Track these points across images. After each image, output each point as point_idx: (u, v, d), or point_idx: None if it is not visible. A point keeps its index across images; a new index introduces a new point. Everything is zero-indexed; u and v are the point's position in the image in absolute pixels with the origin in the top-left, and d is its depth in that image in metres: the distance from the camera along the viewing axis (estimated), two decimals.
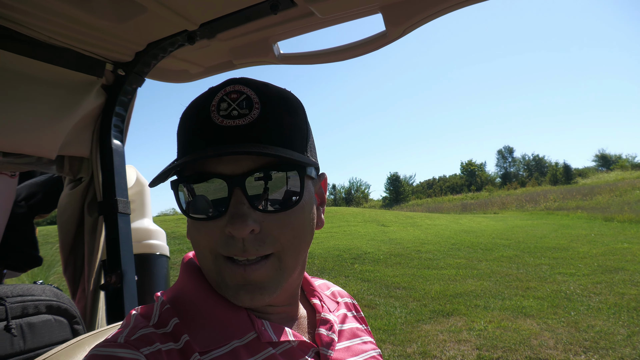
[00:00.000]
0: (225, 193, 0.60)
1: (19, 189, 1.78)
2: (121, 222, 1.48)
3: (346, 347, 0.74)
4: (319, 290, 0.82)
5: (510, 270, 7.70)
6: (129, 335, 0.58)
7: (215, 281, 0.64)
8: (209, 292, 0.67)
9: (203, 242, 0.62)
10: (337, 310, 0.82)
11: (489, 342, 4.42)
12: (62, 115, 1.37)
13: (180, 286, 0.70)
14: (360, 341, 0.78)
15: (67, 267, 1.58)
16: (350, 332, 0.79)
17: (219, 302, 0.65)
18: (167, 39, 1.38)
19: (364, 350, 0.77)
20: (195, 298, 0.66)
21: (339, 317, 0.80)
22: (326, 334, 0.72)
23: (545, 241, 10.44)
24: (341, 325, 0.78)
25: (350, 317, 0.84)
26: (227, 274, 0.61)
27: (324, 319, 0.74)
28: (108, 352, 0.55)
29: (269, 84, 0.66)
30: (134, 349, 0.55)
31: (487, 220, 16.18)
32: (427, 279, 7.20)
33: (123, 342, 0.57)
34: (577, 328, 4.70)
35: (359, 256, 8.90)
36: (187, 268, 0.71)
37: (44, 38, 1.25)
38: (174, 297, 0.68)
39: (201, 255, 0.64)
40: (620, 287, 6.13)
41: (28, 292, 1.20)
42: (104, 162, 1.53)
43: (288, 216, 0.62)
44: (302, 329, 0.72)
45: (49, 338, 1.20)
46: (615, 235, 10.66)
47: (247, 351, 0.62)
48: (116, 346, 0.56)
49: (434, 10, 1.25)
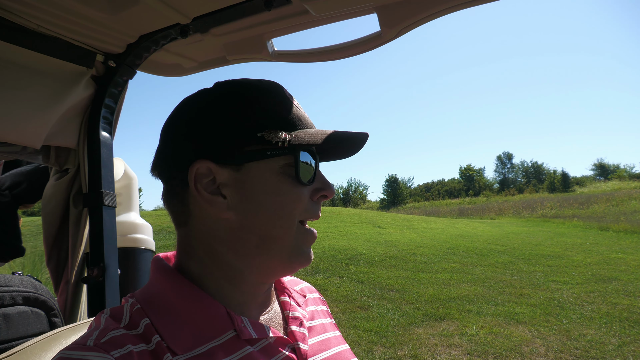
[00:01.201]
0: (312, 165, 0.70)
1: (3, 178, 1.76)
2: (106, 215, 1.46)
3: (319, 341, 0.75)
4: (289, 287, 0.83)
5: (504, 276, 7.70)
6: (98, 338, 0.57)
7: (289, 248, 0.68)
8: (186, 291, 0.66)
9: (299, 207, 0.68)
10: (307, 306, 0.83)
11: (480, 348, 4.42)
12: (49, 105, 1.35)
13: (154, 286, 0.68)
14: (332, 336, 0.80)
15: (50, 259, 1.56)
16: (322, 327, 0.80)
17: (197, 301, 0.64)
18: (160, 31, 1.36)
19: (336, 344, 0.78)
20: (170, 297, 0.65)
21: (308, 313, 0.81)
22: (298, 329, 0.72)
23: (540, 248, 10.44)
24: (311, 321, 0.80)
25: (319, 312, 0.85)
26: (306, 239, 0.70)
27: (294, 316, 0.75)
28: (76, 356, 0.53)
29: None
30: (103, 352, 0.54)
31: (483, 226, 16.19)
32: (421, 282, 7.20)
33: (92, 345, 0.55)
34: (569, 336, 4.69)
35: (354, 257, 8.89)
36: (161, 267, 0.70)
37: (32, 26, 1.23)
38: (146, 297, 0.66)
39: (287, 222, 0.67)
40: (613, 296, 6.14)
41: (5, 283, 1.17)
42: (91, 154, 1.51)
43: None
44: (277, 325, 0.73)
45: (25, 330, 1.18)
46: (610, 245, 10.67)
47: (223, 351, 0.61)
48: (85, 349, 0.54)
49: (429, 12, 1.23)
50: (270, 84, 0.72)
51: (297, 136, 0.68)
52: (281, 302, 0.79)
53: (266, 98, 0.69)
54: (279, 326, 0.73)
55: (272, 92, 0.71)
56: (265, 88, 0.71)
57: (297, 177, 0.67)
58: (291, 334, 0.71)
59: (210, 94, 0.71)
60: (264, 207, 0.66)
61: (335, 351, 0.75)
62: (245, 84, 0.71)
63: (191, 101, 0.72)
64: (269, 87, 0.71)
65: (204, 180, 0.66)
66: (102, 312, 0.65)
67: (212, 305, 0.65)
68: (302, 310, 0.79)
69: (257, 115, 0.67)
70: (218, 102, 0.68)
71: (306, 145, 0.68)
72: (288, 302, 0.79)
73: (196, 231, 0.69)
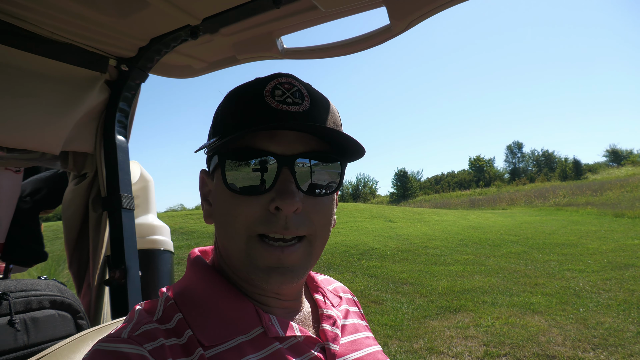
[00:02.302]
0: (273, 171, 0.62)
1: (24, 185, 1.79)
2: (125, 217, 1.48)
3: (350, 341, 0.74)
4: (322, 286, 0.83)
5: (518, 266, 7.65)
6: (132, 331, 0.58)
7: (242, 263, 0.64)
8: (217, 287, 0.67)
9: (241, 218, 0.62)
10: (340, 306, 0.82)
11: (496, 339, 4.40)
12: (65, 111, 1.37)
13: (187, 281, 0.70)
14: (363, 336, 0.79)
15: (72, 263, 1.59)
16: (353, 327, 0.79)
17: (227, 297, 0.66)
18: (170, 34, 1.37)
19: (367, 344, 0.77)
20: (201, 293, 0.67)
21: (341, 313, 0.80)
22: (330, 329, 0.72)
23: (554, 237, 10.34)
24: (344, 320, 0.79)
25: (352, 313, 0.84)
26: (260, 255, 0.62)
27: (328, 314, 0.75)
28: (111, 347, 0.55)
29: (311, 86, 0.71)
30: (137, 345, 0.55)
31: (495, 216, 16.06)
32: (435, 275, 7.18)
33: (126, 337, 0.57)
34: (586, 325, 4.65)
35: (366, 252, 8.89)
36: (195, 264, 0.72)
37: (47, 34, 1.25)
38: (179, 292, 0.68)
39: (233, 234, 0.64)
40: (631, 283, 6.06)
41: (32, 287, 1.20)
42: (108, 158, 1.53)
43: (324, 203, 0.66)
44: (307, 324, 0.72)
45: (53, 333, 1.20)
46: (626, 232, 10.52)
47: (252, 346, 0.62)
48: (119, 341, 0.56)
49: (439, 3, 1.22)
50: (241, 85, 0.70)
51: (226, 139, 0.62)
52: (315, 300, 0.78)
53: (225, 103, 0.70)
54: (309, 325, 0.72)
55: (232, 94, 0.70)
56: (232, 91, 0.71)
57: (226, 185, 0.63)
58: (322, 333, 0.71)
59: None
60: (217, 218, 0.69)
61: (366, 352, 0.74)
62: (228, 94, 0.72)
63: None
64: (236, 90, 0.70)
65: (204, 188, 0.74)
66: (137, 305, 0.67)
67: (241, 301, 0.66)
68: (335, 310, 0.78)
69: (214, 123, 0.71)
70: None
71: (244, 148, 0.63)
72: (322, 300, 0.78)
73: (215, 230, 0.72)
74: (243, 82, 0.70)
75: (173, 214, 14.83)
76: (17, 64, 1.23)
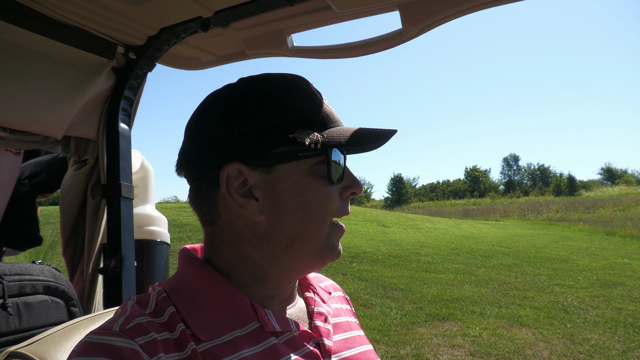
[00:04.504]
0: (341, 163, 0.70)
1: (23, 167, 1.77)
2: (124, 206, 1.47)
3: (344, 339, 0.75)
4: (314, 283, 0.83)
5: (508, 278, 7.68)
6: (124, 324, 0.57)
7: (320, 246, 0.68)
8: (212, 281, 0.66)
9: (331, 206, 0.68)
10: (332, 304, 0.83)
11: (483, 349, 4.41)
12: (71, 96, 1.35)
13: (181, 276, 0.69)
14: (357, 335, 0.79)
15: (66, 249, 1.57)
16: (347, 325, 0.80)
17: (223, 291, 0.65)
18: (181, 24, 1.36)
19: (361, 343, 0.78)
20: (196, 288, 0.66)
21: (333, 310, 0.81)
22: (322, 325, 0.72)
23: (545, 251, 10.39)
24: (337, 318, 0.79)
25: (344, 310, 0.85)
26: (336, 236, 0.71)
27: (319, 311, 0.75)
28: (102, 340, 0.54)
29: None
30: (128, 338, 0.55)
31: (488, 227, 16.12)
32: (425, 282, 7.19)
33: (118, 330, 0.56)
34: (573, 340, 4.68)
35: (357, 255, 8.89)
36: (188, 258, 0.71)
37: (57, 16, 1.23)
38: (172, 286, 0.67)
39: (321, 222, 0.67)
40: (618, 302, 6.10)
41: (26, 272, 1.19)
42: (110, 145, 1.52)
43: None
44: (301, 319, 0.73)
45: (45, 319, 1.19)
46: (616, 250, 10.60)
47: (248, 341, 0.62)
48: (111, 334, 0.55)
49: (454, 11, 1.22)
50: (297, 80, 0.71)
51: (329, 136, 0.67)
52: (306, 298, 0.79)
53: (296, 96, 0.68)
54: (303, 321, 0.73)
55: (301, 89, 0.69)
56: (294, 85, 0.69)
57: (329, 177, 0.67)
58: (315, 329, 0.71)
59: (238, 92, 0.69)
60: (296, 210, 0.66)
61: (359, 350, 0.75)
62: (273, 81, 0.69)
63: (217, 100, 0.70)
64: (298, 84, 0.70)
65: (235, 183, 0.65)
66: (129, 298, 0.66)
67: (237, 296, 0.65)
68: (326, 307, 0.78)
69: (287, 115, 0.66)
70: (247, 102, 0.66)
71: (337, 144, 0.67)
72: (313, 297, 0.78)
73: (223, 231, 0.69)
74: (280, 74, 0.72)
75: (166, 206, 14.74)
76: (24, 45, 1.21)
